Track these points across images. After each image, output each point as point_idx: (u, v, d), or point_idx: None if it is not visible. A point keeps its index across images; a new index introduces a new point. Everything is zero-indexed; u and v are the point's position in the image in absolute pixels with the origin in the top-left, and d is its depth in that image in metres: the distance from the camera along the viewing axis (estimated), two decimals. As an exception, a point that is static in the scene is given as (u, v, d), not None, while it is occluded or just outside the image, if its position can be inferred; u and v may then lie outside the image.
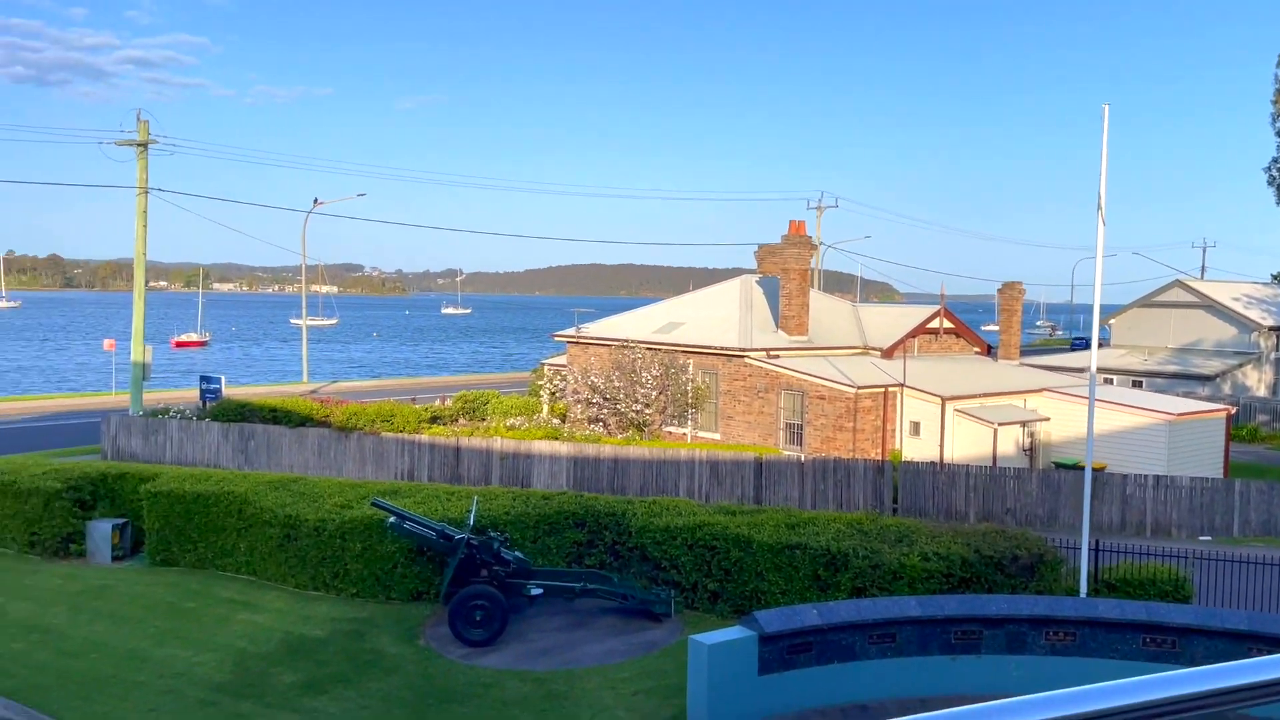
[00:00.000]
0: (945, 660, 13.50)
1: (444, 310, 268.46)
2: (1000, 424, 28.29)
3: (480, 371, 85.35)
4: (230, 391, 36.37)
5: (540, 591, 16.45)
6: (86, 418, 42.82)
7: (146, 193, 34.86)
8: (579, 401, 32.24)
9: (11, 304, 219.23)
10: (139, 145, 34.66)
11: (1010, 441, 28.83)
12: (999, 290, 37.84)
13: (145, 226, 35.08)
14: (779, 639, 12.86)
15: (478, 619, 15.55)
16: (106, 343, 52.02)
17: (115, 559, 20.36)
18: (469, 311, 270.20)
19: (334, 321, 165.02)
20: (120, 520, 20.73)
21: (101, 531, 20.44)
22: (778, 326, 32.50)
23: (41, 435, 37.78)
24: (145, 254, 35.55)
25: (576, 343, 35.91)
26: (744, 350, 30.43)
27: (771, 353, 30.49)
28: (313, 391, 51.00)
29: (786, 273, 31.91)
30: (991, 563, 15.50)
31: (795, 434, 29.29)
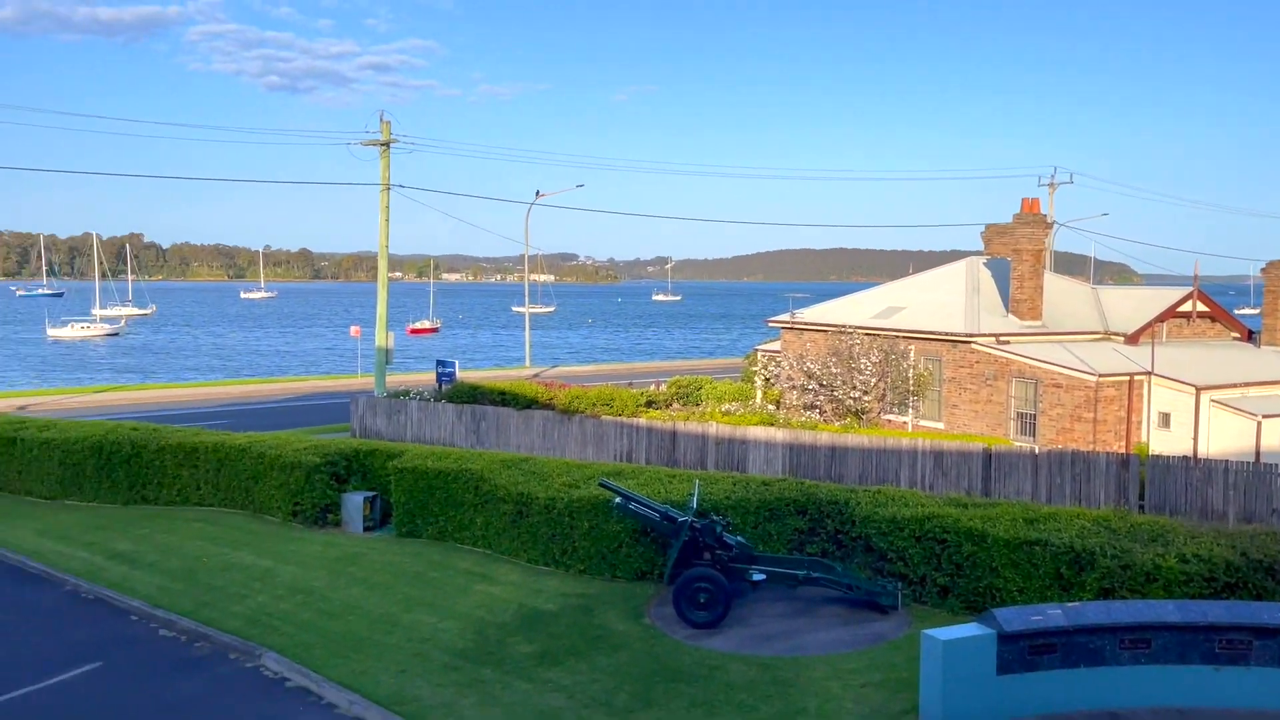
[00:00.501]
0: (1208, 671, 12.42)
1: (654, 297, 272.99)
2: (1265, 416, 25.73)
3: (691, 357, 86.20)
4: (462, 375, 38.48)
5: (763, 577, 16.42)
6: (336, 398, 46.56)
7: (389, 189, 37.36)
8: (794, 388, 31.92)
9: (269, 294, 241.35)
10: (382, 145, 37.17)
11: (1277, 436, 26.16)
12: (1263, 270, 34.35)
13: (388, 221, 37.60)
14: (1020, 638, 12.24)
15: (702, 601, 15.71)
16: (353, 329, 56.37)
17: (366, 529, 22.00)
18: (679, 298, 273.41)
19: (551, 309, 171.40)
20: (371, 493, 22.38)
21: (354, 503, 22.15)
22: (1008, 310, 30.90)
23: (299, 413, 41.41)
24: (388, 246, 38.12)
25: (791, 328, 35.55)
26: (971, 335, 29.13)
27: (1001, 338, 29.02)
28: (534, 375, 53.19)
29: (1018, 254, 30.26)
30: (1261, 567, 14.11)
31: (1027, 424, 27.77)
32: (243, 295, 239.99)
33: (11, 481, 26.23)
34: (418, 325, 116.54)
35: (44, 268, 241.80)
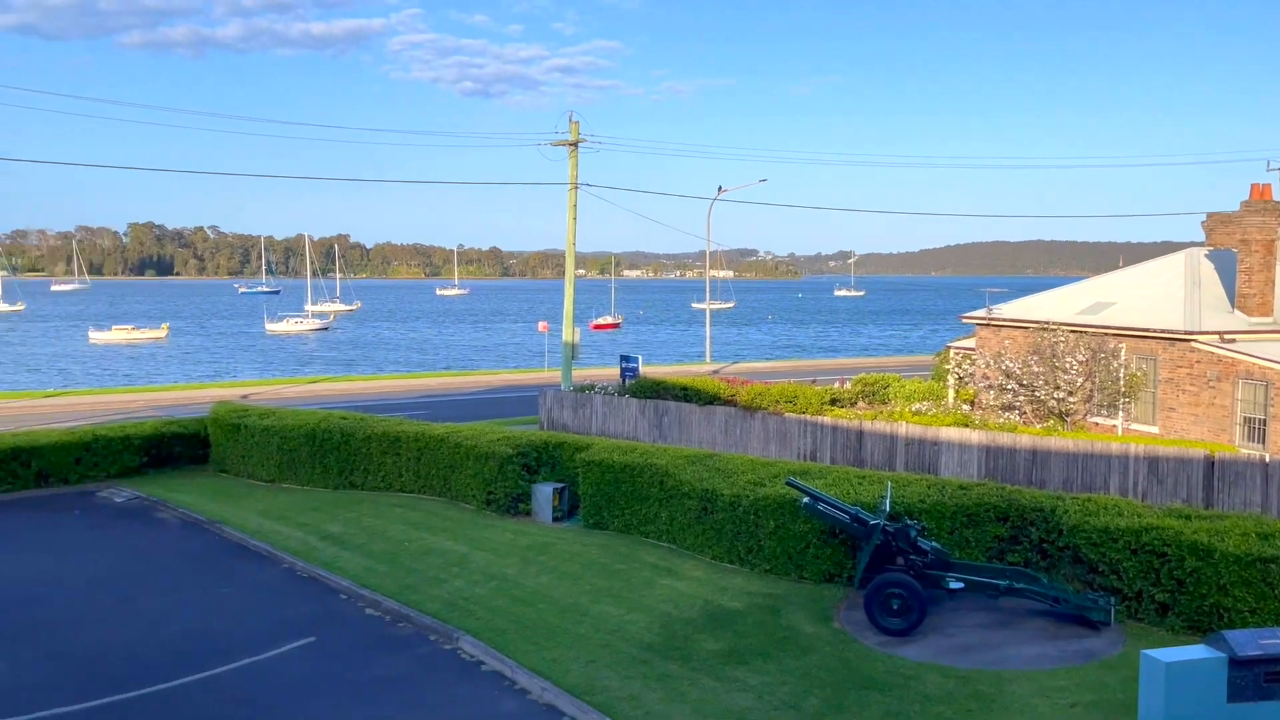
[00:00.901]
0: None
1: (836, 292, 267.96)
2: None
3: (876, 355, 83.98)
4: (644, 370, 38.92)
5: (960, 586, 15.69)
6: (524, 391, 48.08)
7: (576, 187, 38.18)
8: (990, 387, 30.45)
9: (462, 291, 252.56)
10: (570, 145, 38.02)
11: None
12: None
13: (575, 219, 38.44)
14: (1255, 664, 11.13)
15: (895, 607, 15.16)
16: (540, 325, 58.11)
17: (555, 519, 22.53)
18: (863, 294, 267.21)
19: (731, 305, 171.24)
20: (560, 485, 22.91)
21: (544, 494, 22.72)
22: (1234, 306, 28.37)
23: (490, 405, 43.01)
24: (575, 244, 38.98)
25: (988, 325, 33.94)
26: (1190, 334, 26.91)
27: (1226, 336, 26.67)
28: (715, 371, 53.15)
29: (1246, 244, 27.72)
30: None
31: (1255, 430, 25.40)
32: (438, 292, 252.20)
33: (236, 464, 28.43)
34: (600, 321, 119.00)
35: (263, 267, 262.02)
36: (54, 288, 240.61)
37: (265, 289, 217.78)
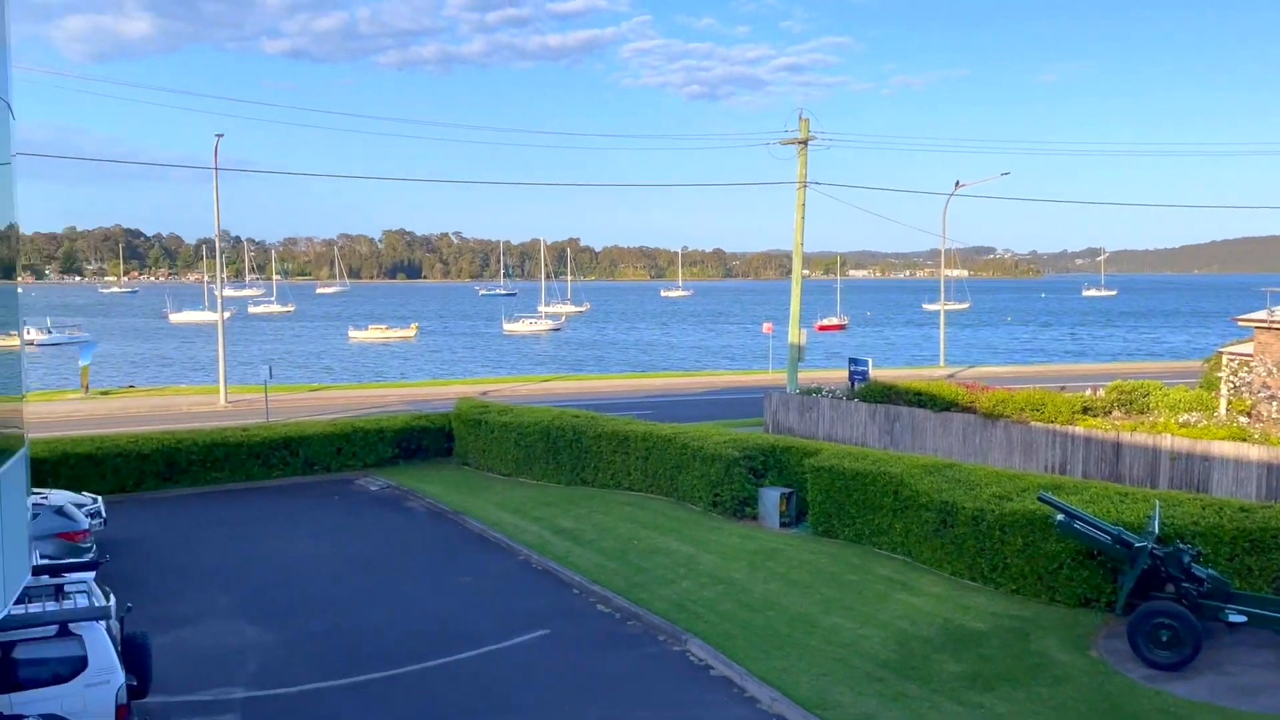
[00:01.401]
0: None
1: (1085, 292, 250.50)
2: None
3: (1131, 360, 77.66)
4: (874, 374, 37.68)
5: (1242, 619, 13.99)
6: (748, 393, 47.82)
7: (805, 186, 37.50)
8: (1271, 398, 27.24)
9: (686, 293, 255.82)
10: (799, 143, 37.39)
11: None
12: None
13: (803, 218, 37.77)
14: None
15: (1164, 639, 13.72)
16: (765, 326, 57.67)
17: (782, 525, 22.10)
18: (1114, 293, 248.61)
19: (966, 305, 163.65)
20: (787, 489, 22.45)
21: (771, 498, 22.34)
22: None
23: (714, 407, 43.04)
24: (802, 243, 38.31)
25: (1268, 328, 30.40)
26: None
27: None
28: (950, 375, 50.79)
29: None
30: None
31: None
32: (663, 294, 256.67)
33: (477, 458, 29.85)
34: (826, 322, 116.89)
35: (501, 270, 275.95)
36: (319, 290, 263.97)
37: (503, 291, 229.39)
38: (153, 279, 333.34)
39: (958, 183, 61.61)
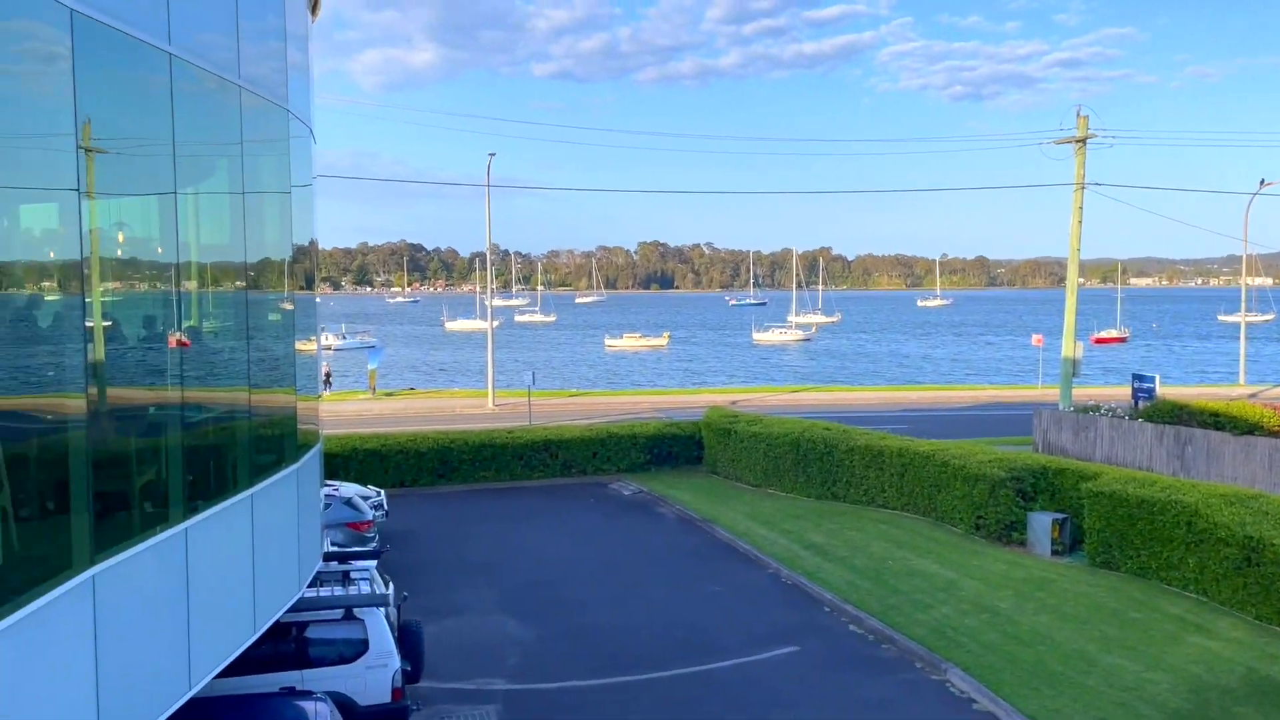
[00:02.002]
0: None
1: None
2: None
3: None
4: (1161, 391, 34.35)
5: None
6: (1013, 409, 45.01)
7: (1083, 188, 34.83)
8: None
9: (944, 302, 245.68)
10: (1077, 142, 34.79)
11: None
12: None
13: (1080, 222, 35.10)
14: None
15: None
16: (1035, 338, 54.12)
17: (1054, 553, 20.50)
18: None
19: (1269, 317, 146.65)
20: (1060, 515, 20.81)
21: (1042, 524, 20.78)
22: None
23: (975, 423, 40.82)
24: (1079, 249, 35.60)
25: None
26: None
27: None
28: (1251, 395, 45.52)
29: None
30: None
31: None
32: (919, 303, 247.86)
33: (725, 467, 29.88)
34: (1103, 334, 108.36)
35: (750, 280, 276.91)
36: (577, 300, 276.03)
37: (752, 301, 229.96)
38: (432, 290, 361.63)
39: (1263, 181, 55.24)
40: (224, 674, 9.47)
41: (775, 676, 14.88)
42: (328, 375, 56.20)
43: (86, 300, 7.00)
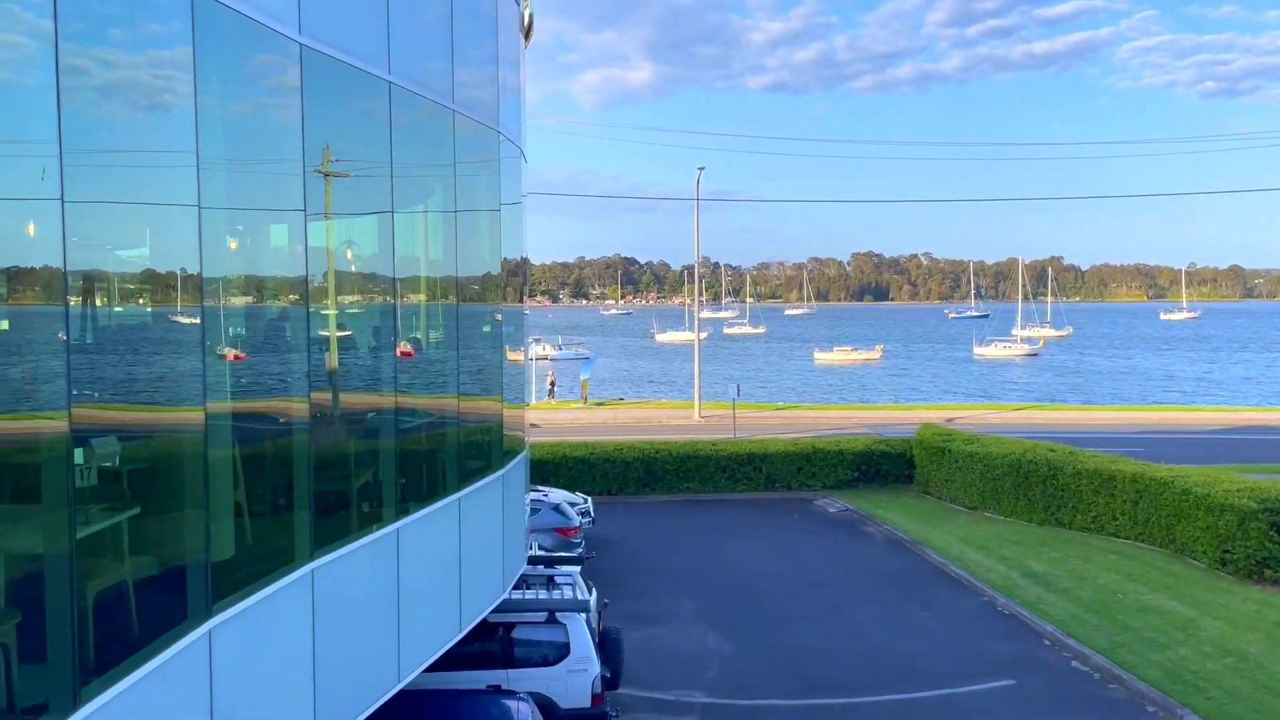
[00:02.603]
0: None
1: None
2: None
3: None
4: None
5: None
6: (1271, 434, 40.72)
7: (1355, 187, 31.06)
8: None
9: (1191, 315, 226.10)
10: (1348, 135, 31.08)
11: None
12: None
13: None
14: None
15: None
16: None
17: (1316, 595, 18.32)
18: None
19: None
20: (1324, 553, 18.58)
21: (1301, 562, 18.62)
22: None
23: (1223, 448, 37.22)
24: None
25: None
26: None
27: None
28: None
29: None
30: None
31: None
32: (1162, 316, 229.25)
33: (939, 488, 28.65)
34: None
35: (972, 292, 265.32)
36: (787, 312, 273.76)
37: (974, 313, 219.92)
38: (644, 302, 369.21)
39: None
40: (432, 669, 9.94)
41: (987, 710, 14.07)
42: (552, 384, 58.56)
43: (310, 311, 7.55)
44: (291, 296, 7.43)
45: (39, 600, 5.02)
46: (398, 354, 8.95)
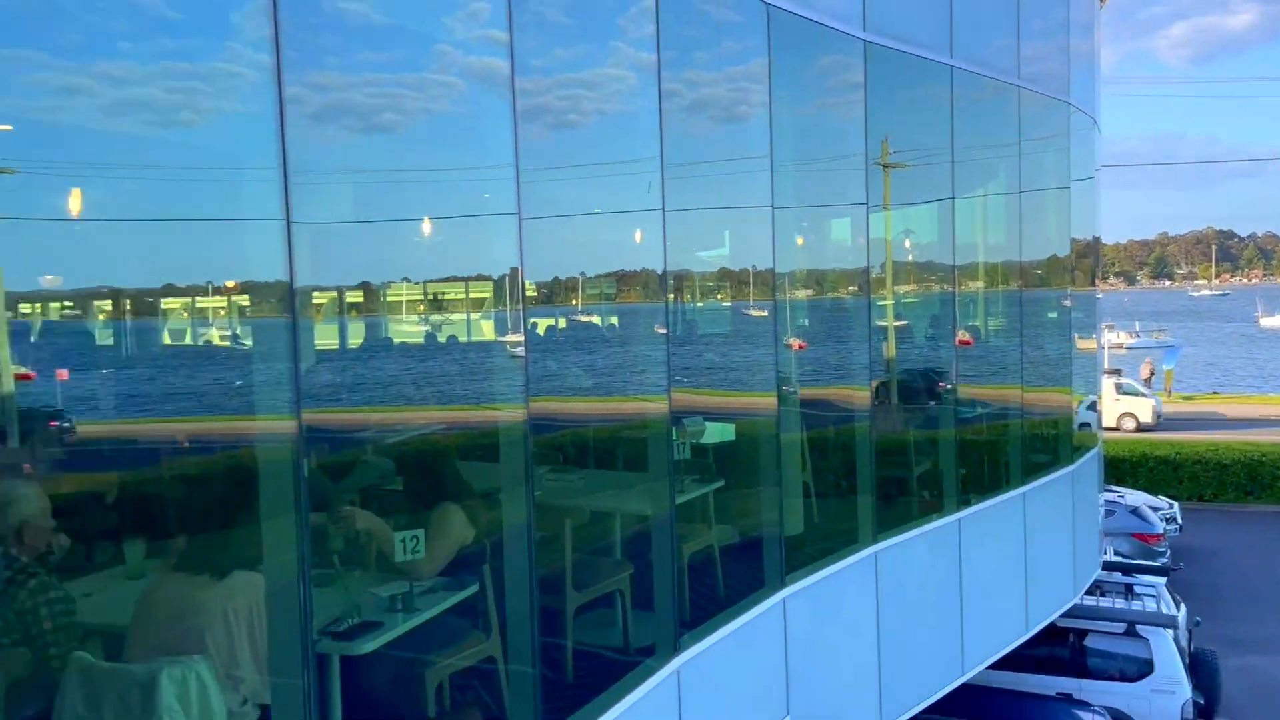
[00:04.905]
0: None
1: None
2: None
3: None
4: None
5: None
6: None
7: None
8: None
9: None
10: None
11: None
12: None
13: None
14: None
15: None
16: None
17: None
18: None
19: None
20: None
21: None
22: None
23: None
24: None
25: None
26: None
27: None
28: None
29: None
30: None
31: None
32: None
33: None
34: None
35: None
36: None
37: None
38: (1245, 281, 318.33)
39: None
40: (997, 667, 9.64)
41: None
42: (1149, 374, 52.63)
43: (869, 301, 7.75)
44: (851, 288, 7.68)
45: (646, 556, 5.82)
46: (963, 343, 8.81)
